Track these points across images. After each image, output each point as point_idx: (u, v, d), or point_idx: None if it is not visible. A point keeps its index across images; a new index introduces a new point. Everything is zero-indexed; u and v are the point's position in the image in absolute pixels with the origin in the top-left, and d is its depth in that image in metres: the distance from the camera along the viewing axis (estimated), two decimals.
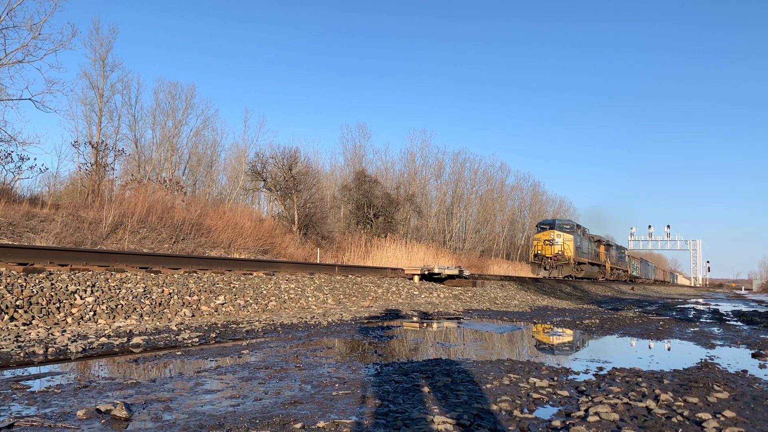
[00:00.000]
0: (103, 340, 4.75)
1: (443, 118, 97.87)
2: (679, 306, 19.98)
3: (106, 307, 6.11)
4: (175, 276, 7.98)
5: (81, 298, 6.10)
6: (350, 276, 12.34)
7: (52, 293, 5.94)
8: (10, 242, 11.52)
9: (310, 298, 9.25)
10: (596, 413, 2.96)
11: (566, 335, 7.86)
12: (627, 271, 49.49)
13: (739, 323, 11.31)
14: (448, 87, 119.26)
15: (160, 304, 6.74)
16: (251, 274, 9.65)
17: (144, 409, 2.81)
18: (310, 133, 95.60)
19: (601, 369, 4.66)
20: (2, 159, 17.90)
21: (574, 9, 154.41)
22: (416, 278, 15.00)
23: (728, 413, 3.06)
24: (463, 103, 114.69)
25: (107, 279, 6.87)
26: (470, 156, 62.88)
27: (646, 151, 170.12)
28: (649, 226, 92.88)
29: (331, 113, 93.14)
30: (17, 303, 5.49)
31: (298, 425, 2.61)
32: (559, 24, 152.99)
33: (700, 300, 30.64)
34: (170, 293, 7.17)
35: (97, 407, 2.73)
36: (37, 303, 5.65)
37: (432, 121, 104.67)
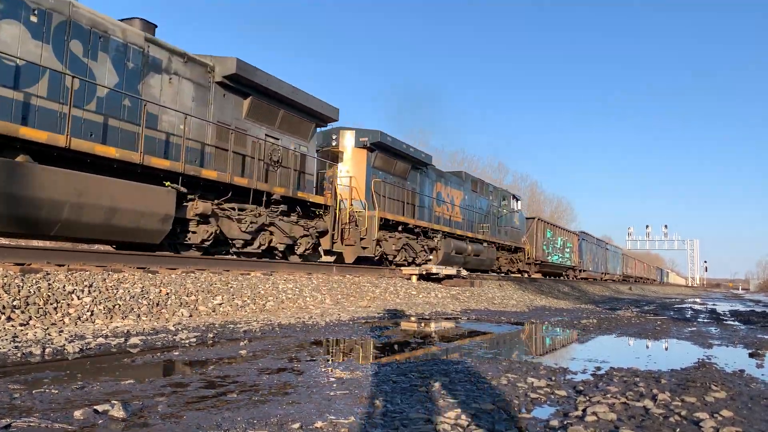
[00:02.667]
0: (101, 340, 4.74)
1: (442, 119, 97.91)
2: (676, 306, 20.02)
3: (104, 308, 6.10)
4: (173, 276, 7.96)
5: (78, 299, 6.08)
6: (348, 276, 12.33)
7: (50, 293, 5.92)
8: (7, 242, 11.50)
9: (308, 299, 9.24)
10: (594, 413, 2.96)
11: (564, 335, 7.86)
12: (524, 248, 26.93)
13: (736, 323, 11.34)
14: (447, 87, 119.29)
15: (157, 305, 6.73)
16: (249, 274, 9.64)
17: (142, 409, 2.81)
18: None
19: (598, 369, 4.67)
20: None
21: (574, 8, 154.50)
22: (414, 278, 15.00)
23: (726, 413, 3.06)
24: (463, 102, 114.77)
25: (104, 279, 6.85)
26: (468, 156, 62.94)
27: (645, 151, 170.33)
28: (647, 226, 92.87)
29: None
30: (14, 303, 5.47)
31: (296, 425, 2.60)
32: (558, 24, 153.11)
33: (698, 300, 30.72)
34: (168, 293, 7.15)
35: (95, 407, 2.73)
36: (35, 303, 5.64)
37: (430, 122, 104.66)
